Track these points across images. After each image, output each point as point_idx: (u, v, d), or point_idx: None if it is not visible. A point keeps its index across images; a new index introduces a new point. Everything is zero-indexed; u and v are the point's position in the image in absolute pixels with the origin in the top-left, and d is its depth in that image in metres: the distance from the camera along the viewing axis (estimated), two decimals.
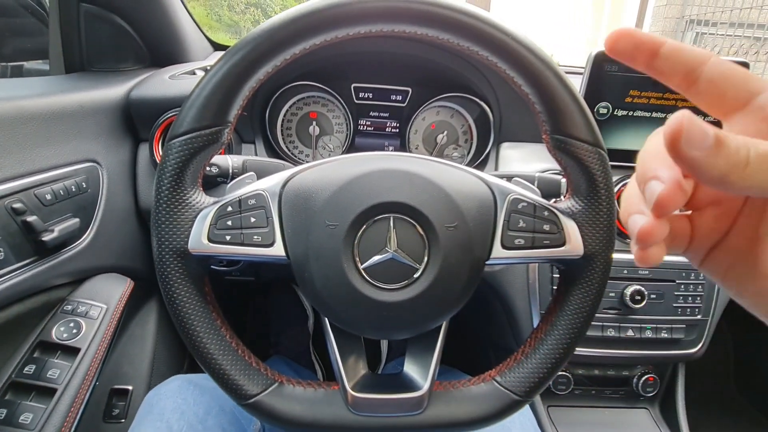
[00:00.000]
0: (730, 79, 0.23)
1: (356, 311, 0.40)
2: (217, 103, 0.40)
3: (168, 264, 0.41)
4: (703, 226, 0.26)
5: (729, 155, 0.19)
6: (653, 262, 0.23)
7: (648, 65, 0.24)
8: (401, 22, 0.39)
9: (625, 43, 0.24)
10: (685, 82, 0.24)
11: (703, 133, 0.18)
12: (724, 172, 0.19)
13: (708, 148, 0.18)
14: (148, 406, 0.59)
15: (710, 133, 0.18)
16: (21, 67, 1.02)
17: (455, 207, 0.40)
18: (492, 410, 0.44)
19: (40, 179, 0.57)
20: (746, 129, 0.23)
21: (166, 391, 0.61)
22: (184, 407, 0.58)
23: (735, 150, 0.19)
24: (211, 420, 0.58)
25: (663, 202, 0.21)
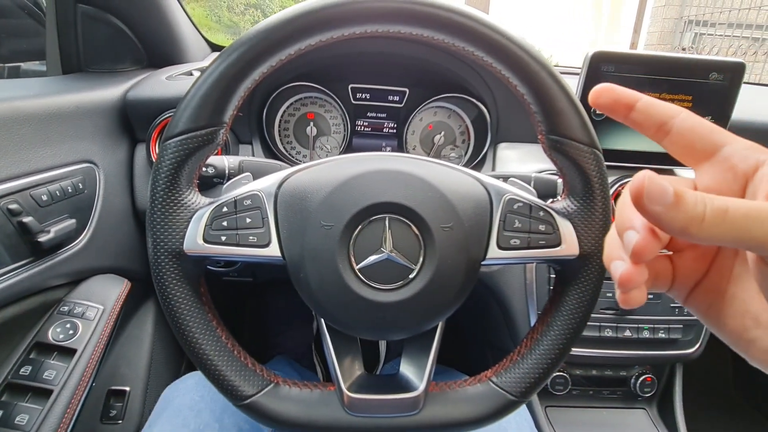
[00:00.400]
0: (697, 132, 0.26)
1: (352, 312, 0.40)
2: (212, 103, 0.40)
3: (163, 265, 0.40)
4: (683, 267, 0.28)
5: (687, 210, 0.20)
6: (635, 304, 0.25)
7: (625, 117, 0.27)
8: (396, 23, 0.39)
9: (606, 98, 0.27)
10: (659, 133, 0.27)
11: (662, 190, 0.21)
12: (684, 225, 0.21)
13: (668, 203, 0.21)
14: (165, 402, 0.59)
15: (669, 191, 0.20)
16: (18, 68, 1.02)
17: (451, 207, 0.40)
18: (488, 411, 0.44)
19: (36, 180, 0.57)
20: (714, 178, 0.25)
21: (184, 387, 0.61)
22: (201, 405, 0.58)
23: (692, 205, 0.21)
24: (228, 418, 0.58)
25: (639, 251, 0.23)
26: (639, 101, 0.26)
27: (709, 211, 0.20)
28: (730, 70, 0.70)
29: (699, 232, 0.21)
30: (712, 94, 0.71)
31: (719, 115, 0.72)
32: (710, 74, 0.70)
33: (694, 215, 0.20)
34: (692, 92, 0.71)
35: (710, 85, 0.70)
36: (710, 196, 0.21)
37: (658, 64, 0.69)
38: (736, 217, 0.20)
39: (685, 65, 0.70)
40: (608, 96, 0.27)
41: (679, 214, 0.21)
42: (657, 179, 0.21)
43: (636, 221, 0.23)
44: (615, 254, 0.26)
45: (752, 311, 0.25)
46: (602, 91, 0.27)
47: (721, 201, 0.21)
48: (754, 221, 0.20)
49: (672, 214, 0.21)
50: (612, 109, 0.27)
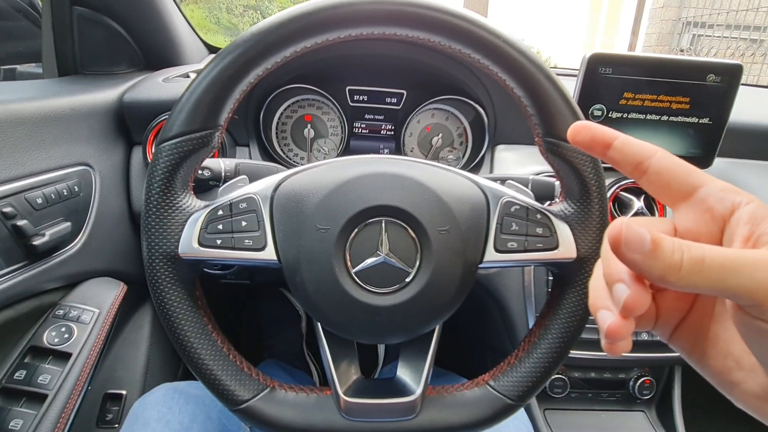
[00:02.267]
0: (673, 173, 0.26)
1: (348, 315, 0.40)
2: (207, 106, 0.39)
3: (158, 268, 0.40)
4: (666, 306, 0.28)
5: (665, 258, 0.21)
6: (620, 352, 0.25)
7: (603, 155, 0.27)
8: (392, 25, 0.39)
9: (584, 135, 0.27)
10: (636, 172, 0.27)
11: (640, 238, 0.21)
12: (662, 273, 0.21)
13: (645, 251, 0.21)
14: (134, 417, 0.59)
15: (647, 238, 0.21)
16: (14, 70, 1.02)
17: (447, 210, 0.40)
18: (485, 415, 0.43)
19: (31, 183, 0.57)
20: (692, 220, 0.26)
21: (152, 400, 0.60)
22: (169, 416, 0.58)
23: (670, 253, 0.21)
24: (196, 428, 0.57)
25: (630, 306, 0.23)
26: (616, 140, 0.26)
27: (686, 260, 0.20)
28: (727, 72, 0.70)
29: (677, 281, 0.21)
30: (710, 96, 0.71)
31: (717, 117, 0.72)
32: (708, 76, 0.70)
33: (672, 263, 0.21)
34: (690, 94, 0.71)
35: (708, 87, 0.70)
36: (688, 243, 0.21)
37: (655, 66, 0.69)
38: (712, 266, 0.20)
39: (682, 67, 0.69)
40: (585, 134, 0.27)
41: (656, 262, 0.21)
42: (635, 226, 0.21)
43: (624, 274, 0.23)
44: (601, 303, 0.26)
45: (734, 353, 0.25)
46: (580, 128, 0.27)
47: (698, 250, 0.21)
48: (729, 272, 0.20)
49: (650, 262, 0.21)
50: (589, 147, 0.27)
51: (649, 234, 0.21)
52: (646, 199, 0.75)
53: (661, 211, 0.75)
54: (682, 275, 0.20)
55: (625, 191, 0.75)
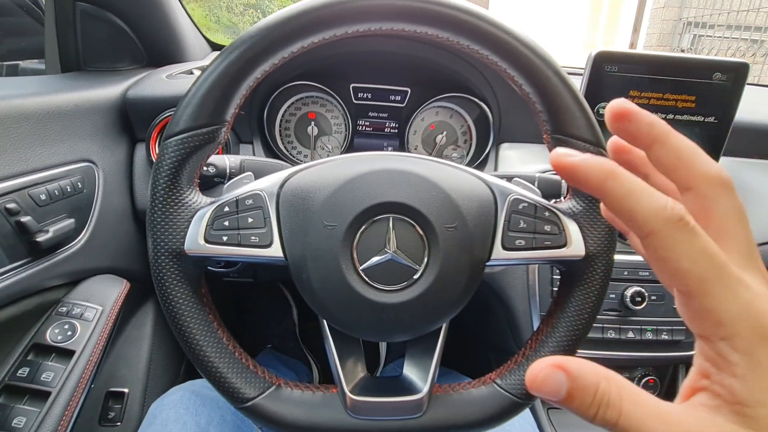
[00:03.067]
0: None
1: (355, 313, 0.40)
2: (213, 101, 0.39)
3: (164, 265, 0.40)
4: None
5: (579, 407, 0.21)
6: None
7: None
8: (401, 21, 0.39)
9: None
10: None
11: (556, 387, 0.21)
12: (575, 412, 0.22)
13: (561, 398, 0.21)
14: (152, 417, 0.60)
15: (562, 388, 0.21)
16: (16, 66, 1.01)
17: (455, 207, 0.40)
18: (492, 413, 0.43)
19: (34, 179, 0.56)
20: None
21: (169, 401, 0.61)
22: (186, 417, 0.58)
23: (586, 407, 0.21)
24: (213, 430, 0.58)
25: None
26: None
27: (599, 417, 0.21)
28: (733, 71, 0.69)
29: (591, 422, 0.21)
30: (716, 95, 0.71)
31: (722, 115, 0.72)
32: (714, 74, 0.70)
33: (585, 414, 0.21)
34: (695, 92, 0.70)
35: (714, 85, 0.70)
36: (607, 400, 0.21)
37: (661, 64, 0.69)
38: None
39: (688, 65, 0.69)
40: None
41: (571, 405, 0.21)
42: (552, 375, 0.21)
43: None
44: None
45: None
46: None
47: (614, 413, 0.21)
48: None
49: (564, 404, 0.21)
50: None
51: (564, 382, 0.21)
52: None
53: None
54: (596, 424, 0.21)
55: None
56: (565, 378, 0.21)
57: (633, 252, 0.75)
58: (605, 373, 0.21)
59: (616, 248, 0.43)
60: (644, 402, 0.21)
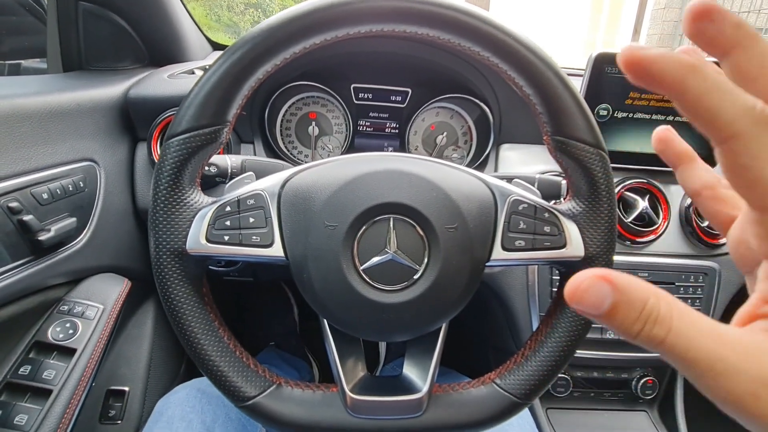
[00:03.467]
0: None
1: (355, 313, 0.40)
2: (215, 102, 0.39)
3: (165, 264, 0.40)
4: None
5: (621, 323, 0.19)
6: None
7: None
8: (403, 22, 0.39)
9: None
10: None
11: (598, 300, 0.19)
12: (617, 331, 0.19)
13: (602, 313, 0.19)
14: (158, 415, 0.60)
15: (606, 301, 0.19)
16: (18, 65, 1.01)
17: (455, 208, 0.40)
18: (492, 413, 0.43)
19: (36, 178, 0.57)
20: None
21: (175, 399, 0.61)
22: (192, 416, 0.59)
23: (629, 323, 0.19)
24: (218, 428, 0.59)
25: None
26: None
27: (644, 335, 0.19)
28: None
29: (632, 342, 0.19)
30: None
31: None
32: None
33: (628, 332, 0.19)
34: None
35: None
36: (656, 315, 0.19)
37: None
38: (672, 352, 0.19)
39: None
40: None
41: (612, 323, 0.19)
42: (597, 286, 0.19)
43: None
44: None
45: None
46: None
47: (661, 330, 0.19)
48: (690, 368, 0.18)
49: (604, 321, 0.19)
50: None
51: (609, 295, 0.19)
52: (651, 199, 0.76)
53: (665, 212, 0.75)
54: (637, 342, 0.19)
55: (629, 191, 0.75)
56: (610, 290, 0.19)
57: (633, 253, 0.75)
58: (655, 289, 0.19)
59: (616, 249, 0.44)
60: (698, 320, 0.19)
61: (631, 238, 0.74)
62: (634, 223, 0.74)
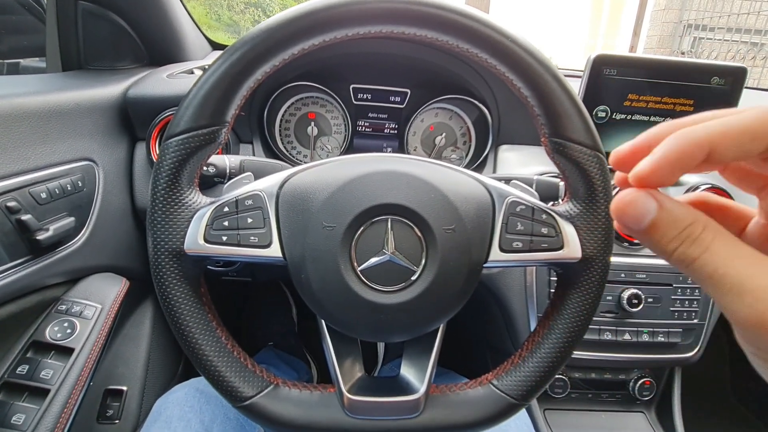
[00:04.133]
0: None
1: (353, 313, 0.40)
2: (214, 102, 0.39)
3: (163, 264, 0.40)
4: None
5: (658, 242, 0.20)
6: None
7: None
8: (401, 24, 0.39)
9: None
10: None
11: (640, 215, 0.20)
12: (653, 250, 0.21)
13: (641, 229, 0.20)
14: (156, 414, 0.60)
15: (647, 217, 0.20)
16: (17, 64, 1.01)
17: (453, 209, 0.40)
18: (489, 414, 0.43)
19: (35, 177, 0.57)
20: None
21: (173, 399, 0.62)
22: (190, 415, 0.59)
23: (666, 241, 0.20)
24: (216, 428, 0.59)
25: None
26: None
27: (679, 253, 0.20)
28: (731, 75, 0.70)
29: (666, 260, 0.21)
30: (714, 99, 0.71)
31: None
32: (712, 78, 0.70)
33: (664, 250, 0.20)
34: (694, 96, 0.71)
35: (712, 89, 0.70)
36: (694, 236, 0.20)
37: (660, 68, 0.69)
38: (702, 272, 0.20)
39: (687, 69, 0.70)
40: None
41: (649, 241, 0.20)
42: (641, 201, 0.20)
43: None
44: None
45: None
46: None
47: (698, 249, 0.19)
48: (719, 288, 0.19)
49: (641, 238, 0.21)
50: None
51: (653, 211, 0.20)
52: None
53: None
54: (671, 262, 0.20)
55: None
56: (655, 206, 0.20)
57: (630, 254, 0.76)
58: (699, 214, 0.20)
59: (613, 250, 0.44)
60: (736, 243, 0.20)
61: (628, 239, 0.74)
62: None
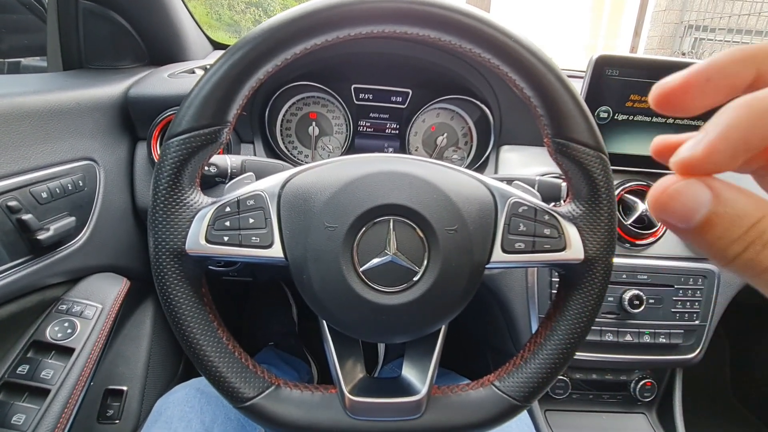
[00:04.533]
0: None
1: (354, 314, 0.40)
2: (216, 102, 0.39)
3: (165, 264, 0.40)
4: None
5: (713, 244, 0.16)
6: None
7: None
8: (403, 24, 0.39)
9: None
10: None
11: (689, 210, 0.16)
12: (705, 253, 0.17)
13: (691, 228, 0.16)
14: (156, 414, 0.60)
15: (699, 212, 0.16)
16: (18, 63, 1.01)
17: (456, 210, 0.40)
18: (490, 415, 0.43)
19: (36, 177, 0.56)
20: None
21: (174, 399, 0.61)
22: (191, 415, 0.59)
23: (723, 245, 0.16)
24: (217, 428, 0.59)
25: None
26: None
27: (739, 261, 0.15)
28: None
29: (722, 266, 0.16)
30: None
31: None
32: None
33: (721, 255, 0.16)
34: None
35: None
36: (759, 239, 0.15)
37: (662, 68, 0.69)
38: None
39: None
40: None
41: (701, 242, 0.16)
42: (691, 191, 0.16)
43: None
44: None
45: None
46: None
47: (751, 252, 0.15)
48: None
49: (692, 238, 0.16)
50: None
51: (706, 204, 0.15)
52: None
53: None
54: (733, 269, 0.16)
55: (629, 194, 0.75)
56: (708, 197, 0.15)
57: (632, 255, 0.75)
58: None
59: (615, 251, 0.44)
60: None
61: (630, 240, 0.74)
62: (633, 226, 0.74)
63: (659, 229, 0.75)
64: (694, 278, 0.76)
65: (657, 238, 0.75)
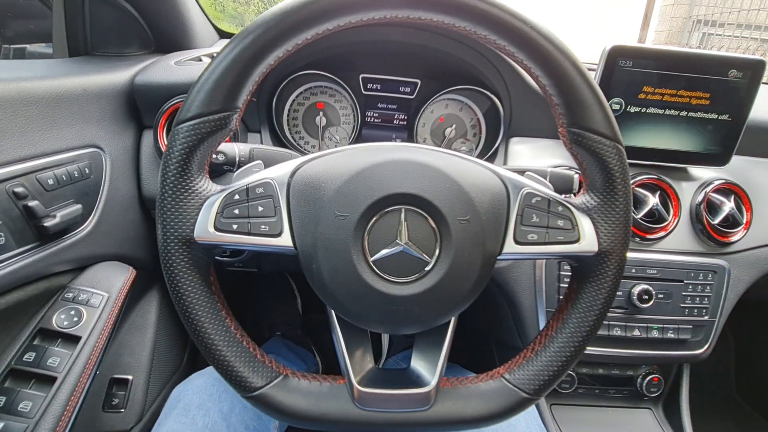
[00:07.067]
0: None
1: (364, 305, 0.39)
2: (226, 87, 0.38)
3: (173, 252, 0.40)
4: None
5: None
6: None
7: None
8: (419, 9, 0.38)
9: None
10: None
11: None
12: None
13: None
14: (174, 401, 0.60)
15: None
16: (24, 49, 1.00)
17: (468, 200, 0.39)
18: (500, 408, 0.43)
19: (42, 163, 0.56)
20: None
21: (192, 387, 0.62)
22: (209, 404, 0.59)
23: None
24: (235, 417, 0.59)
25: None
26: None
27: None
28: (750, 68, 0.69)
29: None
30: (731, 92, 0.70)
31: (737, 113, 0.71)
32: (729, 71, 0.69)
33: None
34: (710, 89, 0.69)
35: (729, 82, 0.69)
36: None
37: (676, 60, 0.68)
38: None
39: (704, 61, 0.68)
40: None
41: None
42: None
43: None
44: None
45: None
46: None
47: None
48: None
49: None
50: None
51: None
52: (662, 196, 0.75)
53: (675, 208, 0.74)
54: None
55: (640, 187, 0.74)
56: None
57: (641, 249, 0.75)
58: None
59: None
60: None
61: (640, 234, 0.73)
62: (644, 220, 0.73)
63: (669, 224, 0.74)
64: (704, 273, 0.75)
65: (667, 232, 0.74)
